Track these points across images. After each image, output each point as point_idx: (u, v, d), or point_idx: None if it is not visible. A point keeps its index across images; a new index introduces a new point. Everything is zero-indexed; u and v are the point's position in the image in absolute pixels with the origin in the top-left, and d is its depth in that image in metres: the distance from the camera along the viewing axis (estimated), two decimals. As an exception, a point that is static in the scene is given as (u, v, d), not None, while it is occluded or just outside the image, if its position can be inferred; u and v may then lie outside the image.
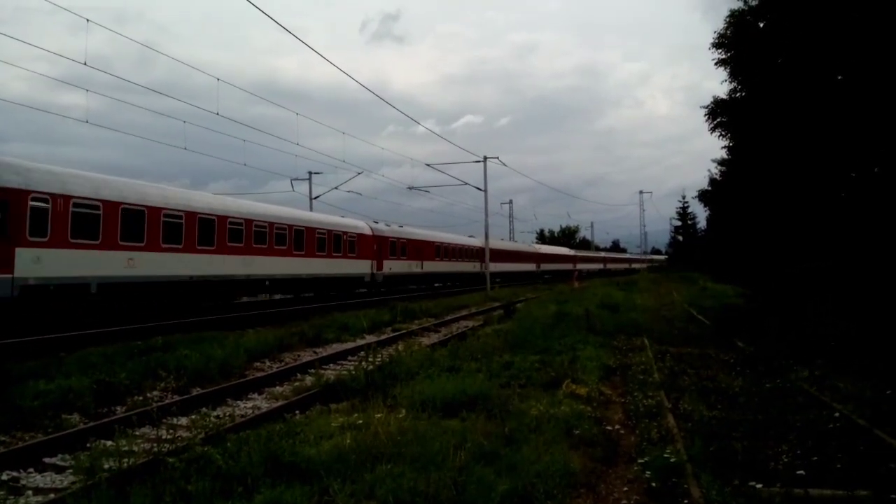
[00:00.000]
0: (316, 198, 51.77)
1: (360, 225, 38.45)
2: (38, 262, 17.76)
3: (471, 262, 54.01)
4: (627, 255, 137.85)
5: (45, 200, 18.17)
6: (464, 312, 29.79)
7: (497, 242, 65.56)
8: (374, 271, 38.60)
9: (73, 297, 18.94)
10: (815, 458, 6.55)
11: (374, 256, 38.45)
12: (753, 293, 28.41)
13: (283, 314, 24.31)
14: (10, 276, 16.99)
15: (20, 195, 17.52)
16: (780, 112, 18.43)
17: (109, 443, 7.80)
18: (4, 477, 7.16)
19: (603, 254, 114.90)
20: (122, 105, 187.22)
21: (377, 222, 41.39)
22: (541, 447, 6.72)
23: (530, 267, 74.11)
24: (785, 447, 6.96)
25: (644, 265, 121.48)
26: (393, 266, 41.14)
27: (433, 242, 49.34)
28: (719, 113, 23.45)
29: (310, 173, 52.12)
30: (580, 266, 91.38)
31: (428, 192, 53.02)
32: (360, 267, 36.88)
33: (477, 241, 54.61)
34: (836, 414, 8.36)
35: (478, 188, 48.57)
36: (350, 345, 17.83)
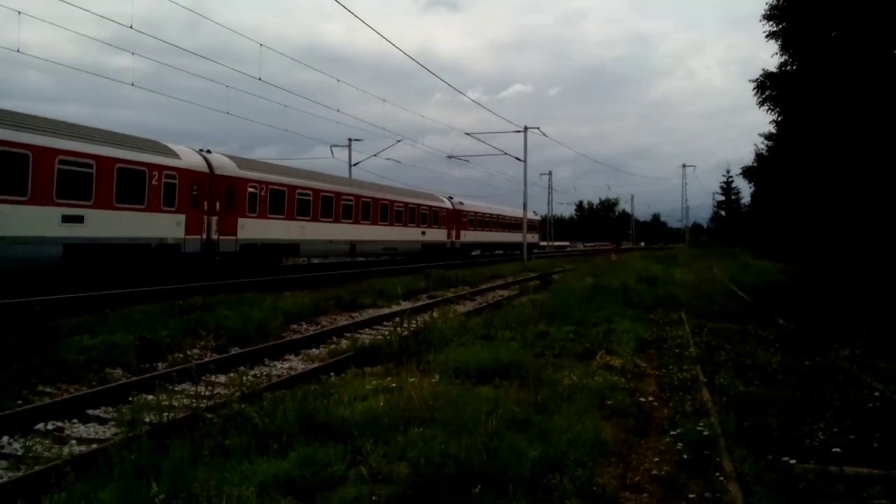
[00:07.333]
0: (355, 164, 52.05)
1: (444, 200, 45.36)
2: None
3: (530, 233, 58.41)
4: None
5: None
6: (499, 282, 29.81)
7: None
8: (454, 240, 45.72)
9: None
10: (853, 436, 6.45)
11: (453, 227, 45.59)
12: (797, 270, 27.88)
13: (320, 279, 24.62)
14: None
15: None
16: (832, 86, 17.86)
17: (150, 397, 8.01)
18: (50, 427, 7.42)
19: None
20: (167, 69, 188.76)
21: (452, 198, 47.43)
22: (572, 416, 6.73)
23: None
24: (821, 425, 6.85)
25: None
26: (468, 236, 48.22)
27: (501, 216, 55.36)
28: (768, 86, 22.82)
29: (349, 140, 52.39)
30: None
31: (468, 161, 53.05)
32: (443, 236, 44.24)
33: (536, 216, 60.28)
34: (876, 393, 8.21)
35: (518, 158, 48.27)
36: (385, 310, 17.99)
